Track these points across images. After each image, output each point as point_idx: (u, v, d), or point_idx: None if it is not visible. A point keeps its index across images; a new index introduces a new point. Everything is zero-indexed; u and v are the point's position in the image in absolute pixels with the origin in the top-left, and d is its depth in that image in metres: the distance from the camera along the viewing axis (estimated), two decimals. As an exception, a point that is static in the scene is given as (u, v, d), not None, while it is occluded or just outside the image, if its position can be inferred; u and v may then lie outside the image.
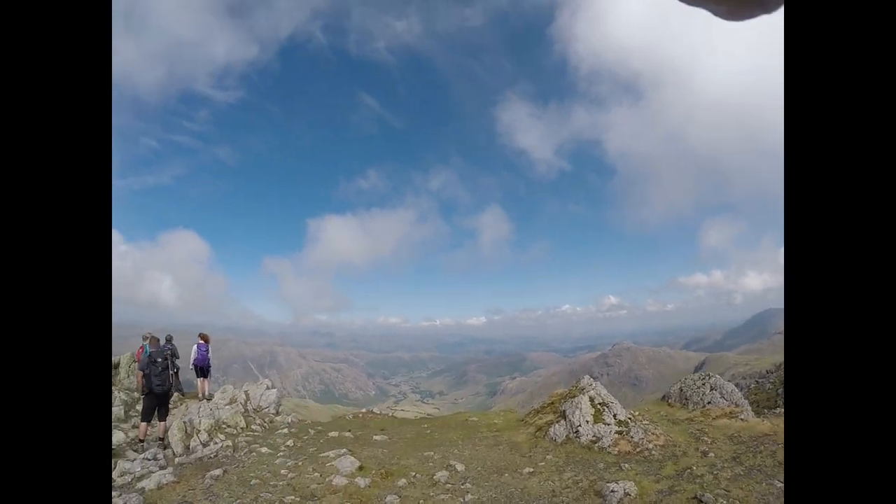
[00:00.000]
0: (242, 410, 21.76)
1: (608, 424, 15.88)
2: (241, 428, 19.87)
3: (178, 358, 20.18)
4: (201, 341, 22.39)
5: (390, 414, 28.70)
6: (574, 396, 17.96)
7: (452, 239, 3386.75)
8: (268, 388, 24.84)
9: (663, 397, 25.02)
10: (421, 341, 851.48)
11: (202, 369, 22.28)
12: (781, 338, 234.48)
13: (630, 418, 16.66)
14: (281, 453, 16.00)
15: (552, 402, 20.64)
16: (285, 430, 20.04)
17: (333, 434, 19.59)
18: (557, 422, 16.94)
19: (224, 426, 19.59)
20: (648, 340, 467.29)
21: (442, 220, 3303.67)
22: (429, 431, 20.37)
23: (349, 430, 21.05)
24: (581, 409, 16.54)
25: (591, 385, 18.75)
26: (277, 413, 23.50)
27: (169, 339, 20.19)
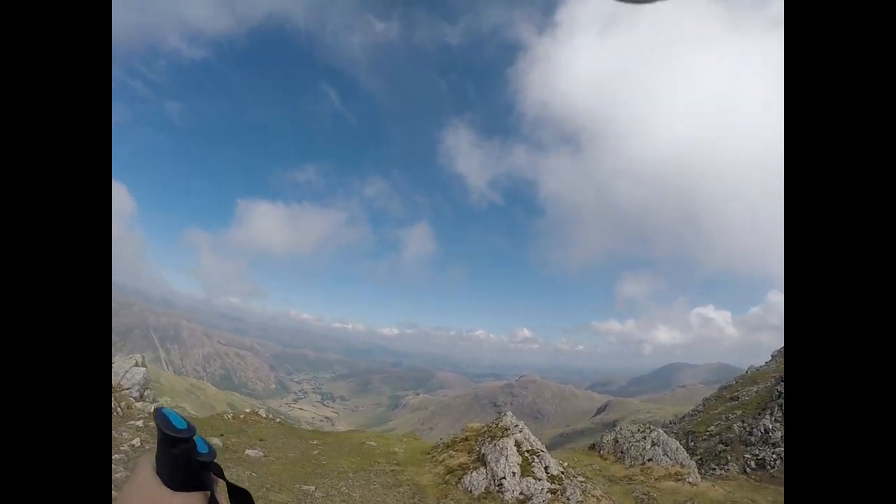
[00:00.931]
0: (95, 390, 17.82)
1: (539, 479, 12.93)
2: (85, 412, 15.97)
3: None
4: None
5: (277, 420, 25.13)
6: (496, 437, 14.99)
7: (377, 248, 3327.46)
8: (137, 364, 21.04)
9: (593, 446, 22.42)
10: (330, 342, 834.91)
11: None
12: (684, 390, 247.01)
13: (563, 472, 13.86)
14: (117, 456, 12.27)
15: (466, 438, 17.63)
16: (140, 423, 16.20)
17: (198, 438, 15.89)
18: (475, 468, 13.81)
19: (62, 407, 15.66)
20: (555, 377, 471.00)
21: (370, 227, 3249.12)
22: (316, 452, 16.95)
23: (221, 435, 17.45)
24: (507, 456, 13.47)
25: (516, 425, 15.80)
26: (141, 397, 19.61)
27: None
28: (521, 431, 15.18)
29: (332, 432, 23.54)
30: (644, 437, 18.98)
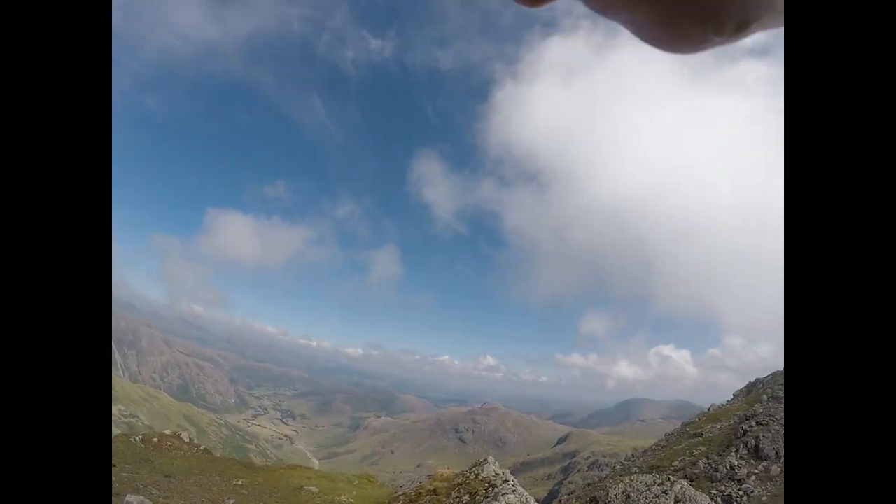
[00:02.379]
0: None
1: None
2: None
3: None
4: None
5: (202, 447, 20.75)
6: (478, 496, 10.98)
7: (345, 267, 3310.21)
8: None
9: (594, 500, 18.45)
10: (294, 358, 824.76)
11: None
12: (644, 425, 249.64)
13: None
14: None
15: (435, 491, 13.58)
16: None
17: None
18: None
19: None
20: (518, 406, 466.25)
21: (339, 247, 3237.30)
22: (233, 503, 12.80)
23: (113, 466, 13.22)
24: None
25: (506, 481, 11.81)
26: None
27: None
28: (514, 490, 11.00)
29: (266, 468, 19.13)
30: (665, 492, 14.92)
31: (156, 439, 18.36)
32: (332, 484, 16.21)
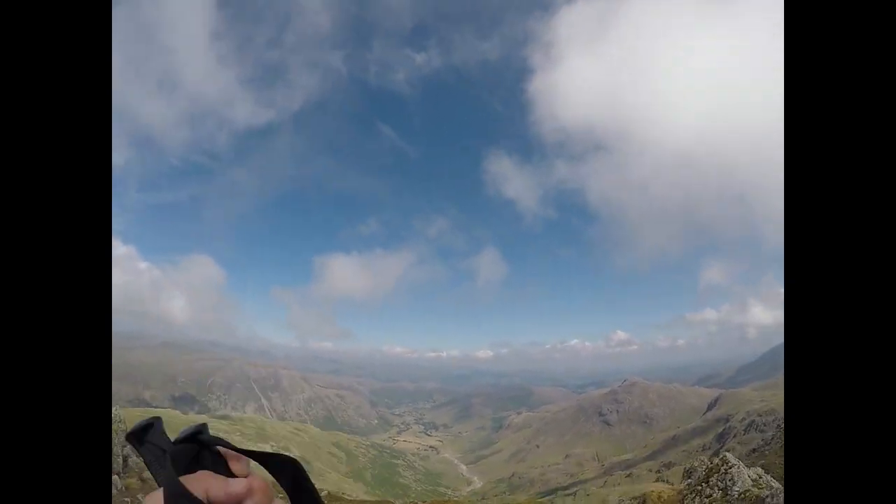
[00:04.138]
0: None
1: None
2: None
3: None
4: None
5: (324, 491, 17.15)
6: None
7: (453, 279, 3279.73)
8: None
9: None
10: (427, 372, 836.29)
11: None
12: None
13: None
14: None
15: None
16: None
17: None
18: None
19: None
20: (659, 377, 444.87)
21: (440, 262, 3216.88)
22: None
23: None
24: None
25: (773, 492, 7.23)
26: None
27: None
28: None
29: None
30: None
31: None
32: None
